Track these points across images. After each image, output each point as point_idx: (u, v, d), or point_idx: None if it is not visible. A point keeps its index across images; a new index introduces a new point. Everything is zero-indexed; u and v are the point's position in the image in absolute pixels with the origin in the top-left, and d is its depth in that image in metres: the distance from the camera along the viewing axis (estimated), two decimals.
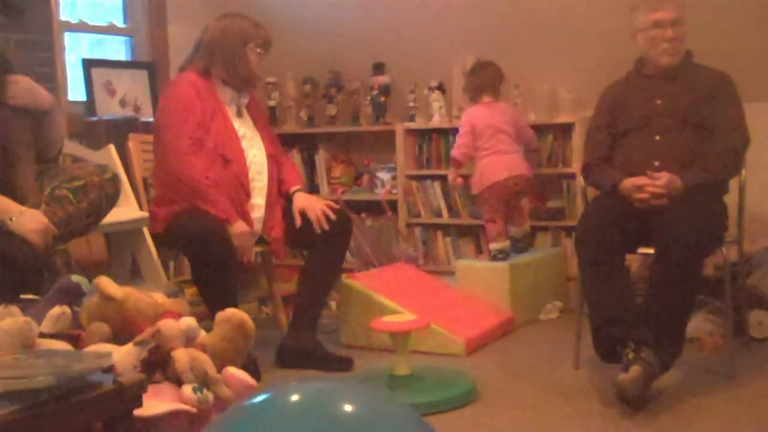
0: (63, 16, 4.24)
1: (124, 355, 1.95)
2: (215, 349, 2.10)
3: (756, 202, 3.27)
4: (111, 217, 2.80)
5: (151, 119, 3.76)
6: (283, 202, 3.40)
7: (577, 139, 4.01)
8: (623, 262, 2.90)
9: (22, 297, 2.18)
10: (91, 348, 1.98)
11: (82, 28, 4.44)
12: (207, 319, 2.53)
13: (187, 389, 1.95)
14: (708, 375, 2.94)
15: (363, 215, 4.59)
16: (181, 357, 1.98)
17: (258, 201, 3.30)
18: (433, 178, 4.48)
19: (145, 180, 3.56)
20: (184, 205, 3.13)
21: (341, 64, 4.76)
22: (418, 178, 4.54)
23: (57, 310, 2.04)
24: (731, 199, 3.03)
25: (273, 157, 3.40)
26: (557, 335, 3.58)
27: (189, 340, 2.08)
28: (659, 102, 3.05)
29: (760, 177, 3.27)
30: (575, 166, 4.03)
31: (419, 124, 4.52)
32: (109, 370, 1.76)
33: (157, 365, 1.99)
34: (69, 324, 2.06)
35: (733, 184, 3.05)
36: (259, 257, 3.52)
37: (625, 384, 2.56)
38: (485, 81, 3.98)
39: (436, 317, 3.35)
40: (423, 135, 4.53)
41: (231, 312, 2.18)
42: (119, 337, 2.06)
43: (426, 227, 4.56)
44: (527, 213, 4.12)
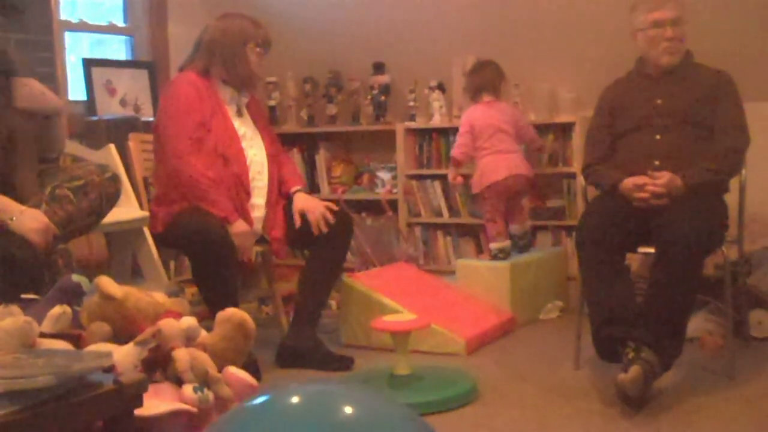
0: (63, 15, 4.24)
1: (124, 355, 1.95)
2: (216, 349, 2.10)
3: (756, 201, 3.27)
4: (111, 217, 2.81)
5: (152, 119, 3.76)
6: (284, 201, 3.40)
7: (578, 139, 4.01)
8: (623, 261, 2.89)
9: (22, 296, 2.18)
10: (92, 348, 1.98)
11: (82, 27, 4.44)
12: (207, 319, 2.53)
13: (188, 389, 1.95)
14: (708, 375, 2.94)
15: (363, 215, 4.59)
16: (182, 357, 1.98)
17: (258, 201, 3.29)
18: (434, 177, 4.48)
19: (146, 179, 3.56)
20: (184, 205, 3.13)
21: (341, 63, 4.76)
22: (418, 177, 4.54)
23: (57, 309, 2.04)
24: (731, 199, 3.03)
25: (273, 157, 3.40)
26: (557, 335, 3.58)
27: (189, 339, 2.08)
28: (659, 101, 3.05)
29: (760, 176, 3.26)
30: (575, 165, 4.03)
31: (419, 123, 4.52)
32: (110, 369, 1.76)
33: (158, 365, 1.99)
34: (69, 323, 2.06)
35: (734, 183, 3.05)
36: (260, 257, 3.52)
37: (625, 384, 2.56)
38: (485, 80, 3.98)
39: (436, 317, 3.35)
40: (423, 135, 4.53)
41: (231, 312, 2.18)
42: (120, 337, 2.07)
43: (426, 227, 4.56)
44: (528, 212, 4.12)
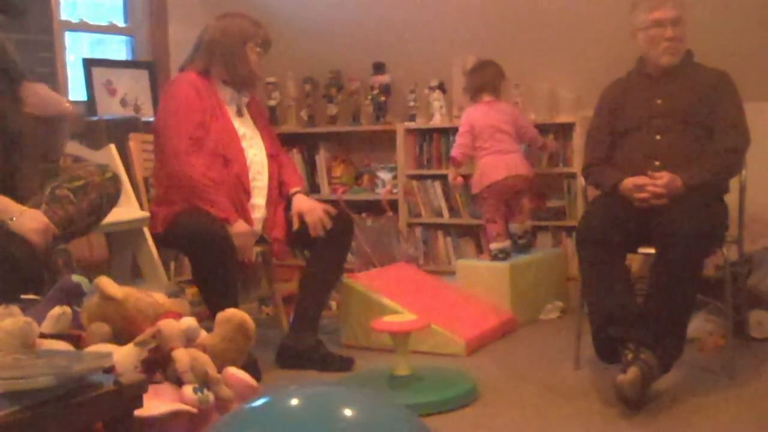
0: (63, 15, 4.24)
1: (124, 356, 1.95)
2: (216, 350, 2.10)
3: (756, 201, 3.26)
4: (112, 217, 2.80)
5: (152, 119, 3.76)
6: (284, 202, 3.40)
7: (578, 139, 4.01)
8: (624, 262, 2.89)
9: (22, 297, 2.17)
10: (92, 348, 1.98)
11: (82, 27, 4.44)
12: (207, 320, 2.53)
13: (188, 389, 1.95)
14: (708, 375, 2.94)
15: (363, 215, 4.59)
16: (182, 357, 1.98)
17: (258, 201, 3.29)
18: (434, 177, 4.48)
19: (146, 180, 3.55)
20: (184, 205, 3.13)
21: (342, 63, 4.76)
22: (418, 177, 4.54)
23: (57, 310, 2.04)
24: (732, 199, 3.03)
25: (273, 157, 3.40)
26: (558, 335, 3.58)
27: (189, 340, 2.08)
28: (659, 102, 3.05)
29: (760, 177, 3.26)
30: (576, 165, 4.03)
31: (420, 123, 4.52)
32: (110, 370, 1.75)
33: (158, 365, 1.99)
34: (69, 324, 2.06)
35: (734, 183, 3.05)
36: (260, 257, 3.51)
37: (623, 385, 2.56)
38: (485, 80, 3.98)
39: (436, 317, 3.35)
40: (423, 135, 4.53)
41: (231, 312, 2.18)
42: (120, 338, 2.06)
43: (426, 227, 4.56)
44: (528, 212, 4.12)
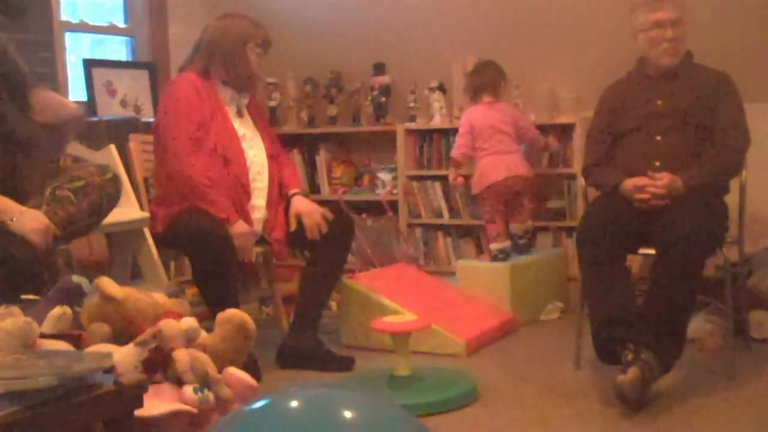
0: (63, 16, 4.23)
1: (124, 356, 1.95)
2: (216, 350, 2.10)
3: (757, 202, 3.26)
4: (112, 218, 2.80)
5: (152, 119, 3.76)
6: (285, 203, 3.39)
7: (578, 140, 4.01)
8: (624, 262, 2.89)
9: (22, 297, 2.17)
10: (92, 348, 1.98)
11: (82, 28, 4.44)
12: (208, 320, 2.53)
13: (188, 389, 1.95)
14: (708, 375, 2.94)
15: (364, 215, 4.59)
16: (182, 357, 1.98)
17: (259, 202, 3.29)
18: (434, 178, 4.48)
19: (146, 180, 3.55)
20: (184, 206, 3.13)
21: (342, 64, 4.75)
22: (418, 178, 4.54)
23: (58, 310, 2.04)
24: (732, 200, 3.03)
25: (273, 158, 3.40)
26: (558, 336, 3.58)
27: (190, 340, 2.08)
28: (660, 102, 3.05)
29: (760, 177, 3.26)
30: (576, 166, 4.03)
31: (420, 124, 4.52)
32: (110, 370, 1.75)
33: (158, 365, 1.99)
34: (70, 324, 2.06)
35: (734, 184, 3.05)
36: (260, 257, 3.51)
37: (624, 385, 2.56)
38: (485, 81, 3.98)
39: (436, 318, 3.35)
40: (423, 135, 4.53)
41: (232, 312, 2.18)
42: (120, 338, 2.06)
43: (426, 227, 4.56)
44: (529, 212, 4.11)
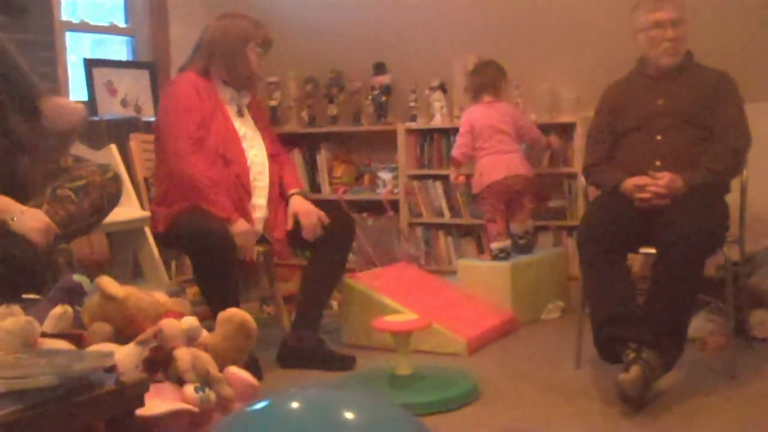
0: (64, 16, 4.23)
1: (126, 355, 1.95)
2: (217, 349, 2.10)
3: (757, 201, 3.27)
4: (113, 217, 2.80)
5: (153, 119, 3.76)
6: (285, 202, 3.39)
7: (579, 139, 4.01)
8: (625, 261, 2.89)
9: (23, 296, 2.18)
10: (93, 347, 1.98)
11: (83, 28, 4.44)
12: (208, 319, 2.53)
13: (189, 389, 1.95)
14: (709, 375, 2.94)
15: (364, 215, 4.59)
16: (183, 356, 1.98)
17: (259, 201, 3.29)
18: (435, 177, 4.48)
19: (147, 180, 3.55)
20: (185, 205, 3.13)
21: (342, 63, 4.75)
22: (419, 177, 4.54)
23: (59, 309, 2.04)
24: (733, 199, 3.03)
25: (274, 157, 3.40)
26: (559, 335, 3.58)
27: (191, 339, 2.08)
28: (660, 102, 3.05)
29: (761, 177, 3.26)
30: (576, 165, 4.02)
31: (420, 124, 4.52)
32: (111, 369, 1.75)
33: (159, 365, 1.99)
34: (71, 323, 2.06)
35: (735, 183, 3.05)
36: (261, 257, 3.51)
37: (625, 384, 2.56)
38: (486, 80, 3.98)
39: (437, 317, 3.35)
40: (424, 135, 4.53)
41: (233, 312, 2.18)
42: (121, 337, 2.06)
43: (427, 227, 4.56)
44: (530, 212, 4.10)
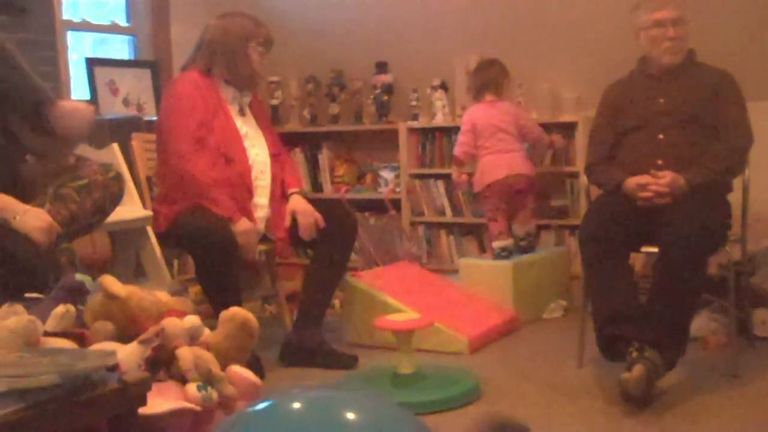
0: (66, 15, 4.24)
1: (128, 354, 1.95)
2: (219, 348, 2.10)
3: (760, 201, 3.26)
4: (115, 216, 2.80)
5: (155, 118, 3.76)
6: (287, 202, 3.39)
7: (580, 139, 4.01)
8: (627, 260, 2.89)
9: (26, 295, 2.18)
10: (96, 346, 1.98)
11: (84, 27, 4.44)
12: (211, 318, 2.53)
13: (192, 387, 1.95)
14: (712, 374, 2.94)
15: (366, 214, 4.59)
16: (186, 355, 1.98)
17: (261, 200, 3.29)
18: (437, 176, 4.48)
19: (149, 179, 3.56)
20: (187, 204, 3.13)
21: (344, 63, 4.75)
22: (421, 176, 4.53)
23: (61, 308, 2.04)
24: (735, 198, 3.03)
25: (276, 156, 3.40)
26: (561, 334, 3.58)
27: (193, 338, 2.08)
28: (662, 101, 3.05)
29: (763, 176, 3.26)
30: (578, 164, 4.02)
31: (422, 123, 4.52)
32: (114, 368, 1.75)
33: (161, 363, 1.99)
34: (73, 322, 2.06)
35: (737, 183, 3.05)
36: (263, 256, 3.52)
37: (628, 383, 2.56)
38: (488, 79, 3.98)
39: (439, 316, 3.35)
40: (426, 134, 4.53)
41: (235, 311, 2.18)
42: (123, 336, 2.06)
43: (429, 226, 4.56)
44: (531, 215, 4.09)
